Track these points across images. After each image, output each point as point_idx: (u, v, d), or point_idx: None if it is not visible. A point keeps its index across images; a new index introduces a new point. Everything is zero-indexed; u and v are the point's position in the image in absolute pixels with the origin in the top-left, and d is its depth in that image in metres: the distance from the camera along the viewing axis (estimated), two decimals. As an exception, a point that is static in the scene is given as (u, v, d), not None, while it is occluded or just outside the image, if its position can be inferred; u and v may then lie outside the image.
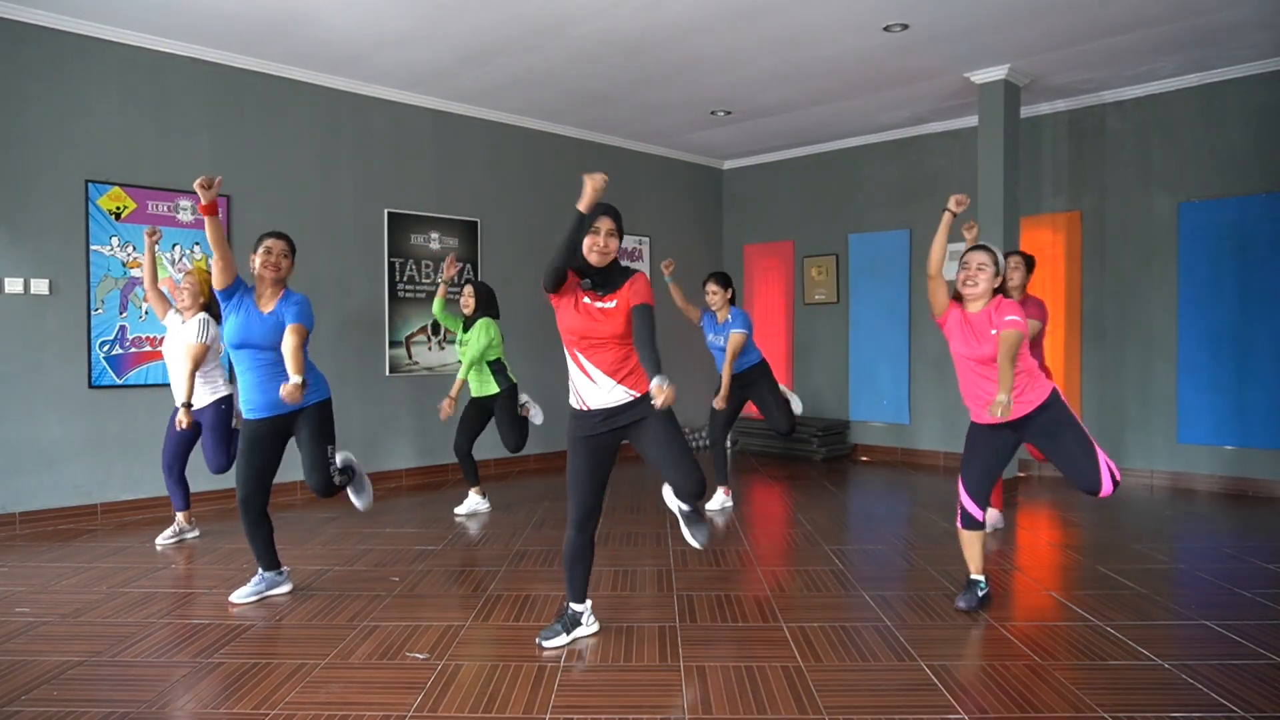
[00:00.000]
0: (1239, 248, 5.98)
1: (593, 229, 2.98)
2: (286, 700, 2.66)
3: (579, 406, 3.08)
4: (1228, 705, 2.59)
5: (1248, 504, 5.64)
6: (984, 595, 3.50)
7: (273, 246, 3.55)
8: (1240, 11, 4.99)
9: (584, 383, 3.04)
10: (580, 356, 3.02)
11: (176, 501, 4.74)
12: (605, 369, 3.00)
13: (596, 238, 2.98)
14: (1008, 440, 3.44)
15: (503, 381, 5.31)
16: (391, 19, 5.07)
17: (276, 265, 3.53)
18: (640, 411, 3.04)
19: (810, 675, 2.84)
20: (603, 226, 2.99)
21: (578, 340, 3.00)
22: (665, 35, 5.35)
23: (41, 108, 5.01)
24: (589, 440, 3.08)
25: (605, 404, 3.03)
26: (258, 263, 3.52)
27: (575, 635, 3.19)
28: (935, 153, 7.50)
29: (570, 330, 3.00)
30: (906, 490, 6.32)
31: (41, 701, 2.66)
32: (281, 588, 3.78)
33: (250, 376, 3.53)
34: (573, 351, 3.04)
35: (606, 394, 3.02)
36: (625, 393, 3.03)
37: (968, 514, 3.46)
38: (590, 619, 3.25)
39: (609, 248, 2.99)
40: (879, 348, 7.85)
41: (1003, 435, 3.42)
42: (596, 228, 2.98)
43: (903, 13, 5.03)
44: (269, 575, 3.74)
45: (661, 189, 8.54)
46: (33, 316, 5.00)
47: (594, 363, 3.01)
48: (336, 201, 6.23)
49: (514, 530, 4.99)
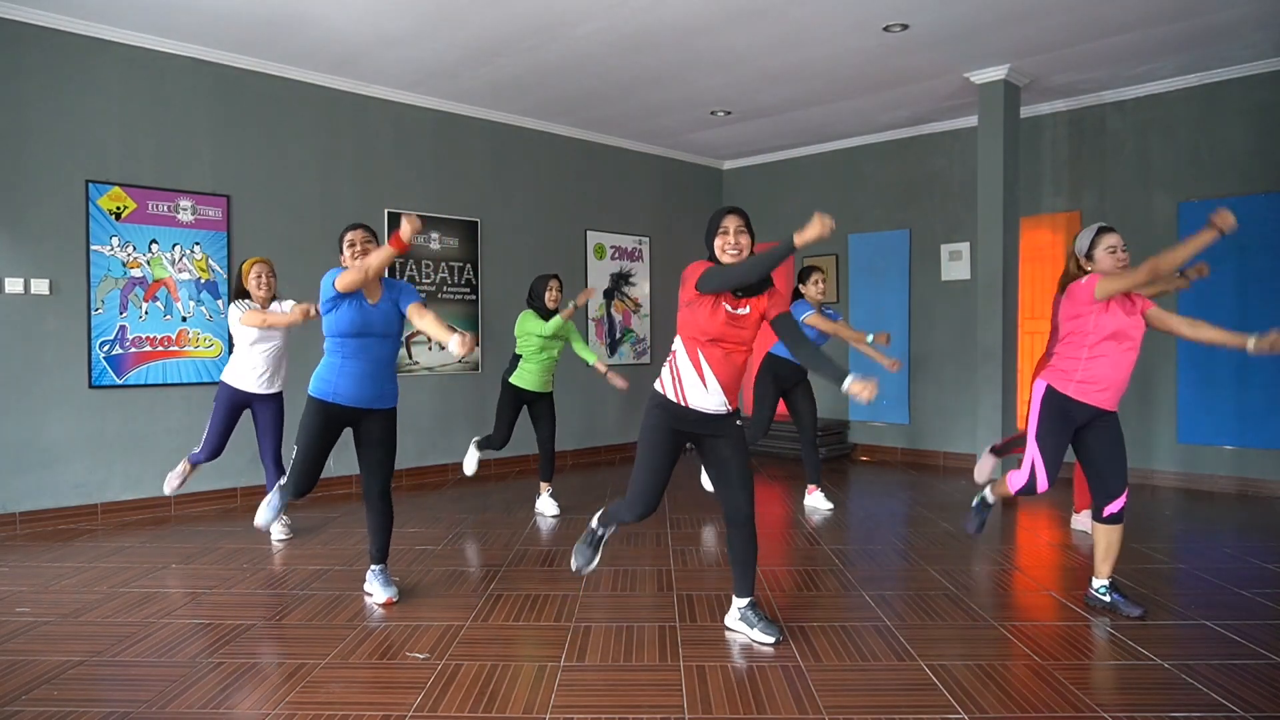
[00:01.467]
0: (1239, 248, 5.98)
1: (721, 229, 3.00)
2: (286, 700, 2.66)
3: (676, 400, 3.07)
4: (1228, 705, 2.59)
5: (1248, 504, 5.64)
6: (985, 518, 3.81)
7: (355, 239, 3.56)
8: (1240, 11, 5.00)
9: (694, 382, 3.03)
10: (702, 357, 3.01)
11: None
12: (723, 377, 3.02)
13: (727, 237, 2.99)
14: (1079, 425, 3.45)
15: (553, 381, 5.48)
16: (392, 19, 5.07)
17: (364, 251, 3.54)
18: (724, 428, 3.10)
19: (810, 675, 2.84)
20: (730, 225, 3.00)
21: (708, 343, 2.99)
22: (665, 35, 5.35)
23: (41, 108, 5.01)
24: (675, 433, 3.09)
25: (703, 407, 3.06)
26: (348, 256, 3.54)
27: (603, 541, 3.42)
28: (935, 153, 7.50)
29: (702, 329, 2.98)
30: (906, 490, 6.32)
31: (41, 701, 2.66)
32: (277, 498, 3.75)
33: (351, 364, 3.48)
34: (694, 350, 3.02)
35: (710, 399, 3.04)
36: (722, 403, 3.07)
37: (1034, 483, 3.48)
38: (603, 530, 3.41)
39: (740, 244, 3.00)
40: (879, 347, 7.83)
41: (1079, 420, 3.43)
42: (725, 227, 3.00)
43: (903, 13, 5.03)
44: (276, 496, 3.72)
45: (661, 189, 8.54)
46: (33, 316, 5.00)
47: (714, 368, 3.01)
48: (336, 201, 6.23)
49: (514, 530, 4.99)
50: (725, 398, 3.06)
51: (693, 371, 3.03)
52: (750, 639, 3.17)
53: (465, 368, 6.92)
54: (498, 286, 7.14)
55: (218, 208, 5.66)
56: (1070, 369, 3.42)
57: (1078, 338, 3.40)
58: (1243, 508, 5.53)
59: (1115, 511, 3.43)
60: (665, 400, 3.10)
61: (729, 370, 3.02)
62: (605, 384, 7.91)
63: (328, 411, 3.51)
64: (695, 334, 3.00)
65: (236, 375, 4.58)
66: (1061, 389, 3.43)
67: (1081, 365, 3.39)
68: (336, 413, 3.53)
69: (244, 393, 4.59)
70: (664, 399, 3.10)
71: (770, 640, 3.11)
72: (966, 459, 7.12)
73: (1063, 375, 3.44)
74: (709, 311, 2.97)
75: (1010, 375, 6.21)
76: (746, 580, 3.21)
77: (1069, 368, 3.43)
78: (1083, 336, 3.38)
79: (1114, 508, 3.43)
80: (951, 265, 7.37)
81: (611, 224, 8.10)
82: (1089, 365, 3.37)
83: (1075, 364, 3.41)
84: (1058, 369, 3.47)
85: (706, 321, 2.97)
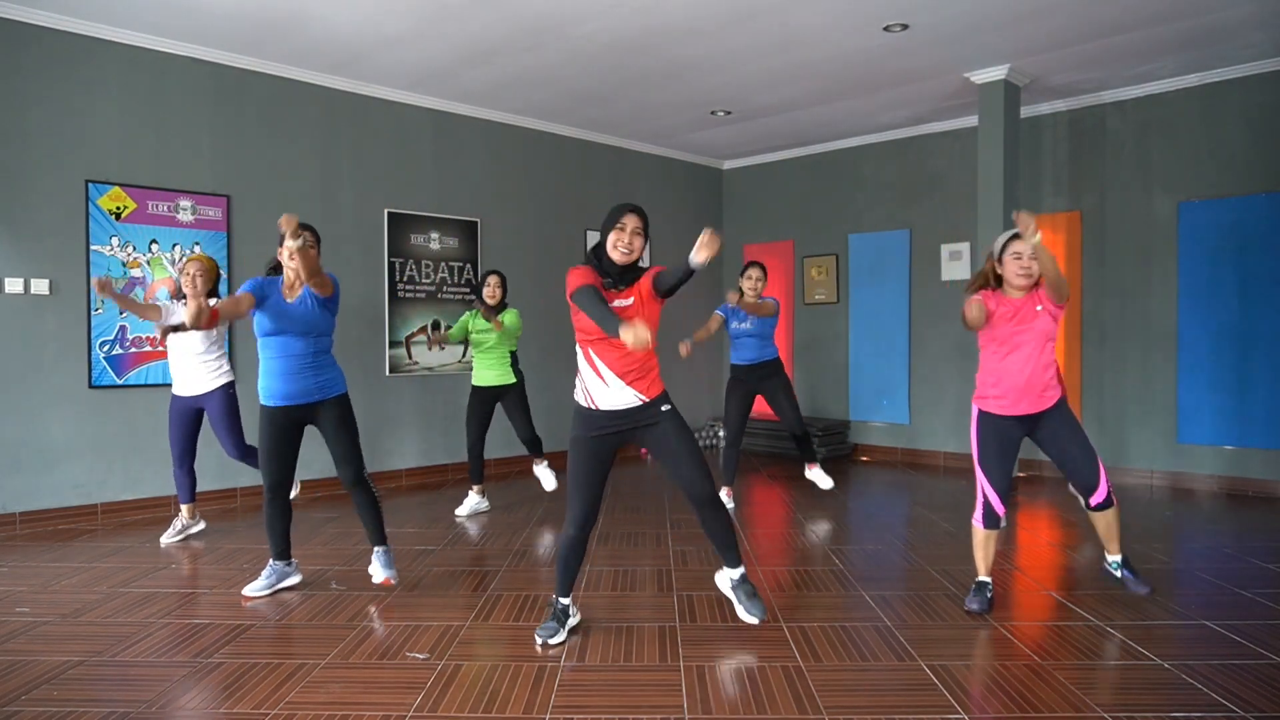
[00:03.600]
0: (1239, 248, 5.98)
1: (618, 225, 2.96)
2: (286, 700, 2.66)
3: (586, 405, 3.07)
4: (1228, 705, 2.59)
5: (1248, 504, 5.64)
6: (990, 597, 3.49)
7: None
8: (1240, 11, 4.99)
9: (594, 381, 3.03)
10: (593, 355, 3.01)
11: (182, 494, 4.74)
12: (617, 370, 3.00)
13: (622, 234, 2.96)
14: (1017, 435, 3.44)
15: (517, 373, 5.39)
16: (391, 19, 5.07)
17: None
18: (649, 416, 3.06)
19: (810, 675, 2.83)
20: (629, 224, 2.97)
21: (597, 340, 2.99)
22: (665, 35, 5.35)
23: (41, 108, 5.01)
24: (592, 440, 3.08)
25: (613, 405, 3.03)
26: (286, 255, 3.54)
27: (569, 626, 3.21)
28: (935, 153, 7.50)
29: (586, 328, 2.98)
30: (906, 490, 6.32)
31: (41, 701, 2.66)
32: (291, 579, 3.82)
33: (279, 364, 3.55)
34: (586, 350, 3.03)
35: (616, 395, 3.02)
36: (635, 396, 3.03)
37: (991, 512, 3.44)
38: (574, 609, 3.28)
39: (634, 246, 2.97)
40: (879, 348, 7.85)
41: (1014, 429, 3.42)
42: (623, 224, 2.96)
43: (903, 13, 5.03)
44: (279, 565, 3.78)
45: (661, 189, 8.54)
46: (33, 316, 5.00)
47: (606, 362, 3.00)
48: (336, 201, 6.23)
49: (514, 530, 4.99)
50: (634, 390, 3.01)
51: (589, 371, 3.03)
52: (737, 610, 3.22)
53: (464, 367, 6.91)
54: (498, 286, 7.14)
55: (218, 208, 5.66)
56: (982, 384, 3.46)
57: (982, 357, 3.45)
58: (1243, 508, 5.53)
59: (1101, 500, 3.44)
60: (580, 410, 3.10)
61: (625, 362, 2.99)
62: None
63: (271, 414, 3.60)
64: (580, 332, 3.02)
65: (179, 383, 4.61)
66: (986, 409, 3.45)
67: (990, 381, 3.42)
68: (280, 414, 3.59)
69: (182, 398, 4.60)
70: (579, 409, 3.10)
71: (754, 620, 3.14)
72: (966, 459, 7.11)
73: (981, 396, 3.47)
74: None
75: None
76: (731, 554, 3.23)
77: (981, 383, 3.47)
78: (984, 353, 3.44)
79: (1098, 497, 3.44)
80: (951, 265, 7.37)
81: (611, 224, 8.09)
82: (995, 380, 3.39)
83: (986, 381, 3.44)
84: (977, 391, 3.49)
85: (589, 321, 2.93)
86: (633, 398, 3.03)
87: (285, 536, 3.78)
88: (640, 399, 3.04)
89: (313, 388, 3.61)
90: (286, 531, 3.78)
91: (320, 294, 3.55)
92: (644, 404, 3.05)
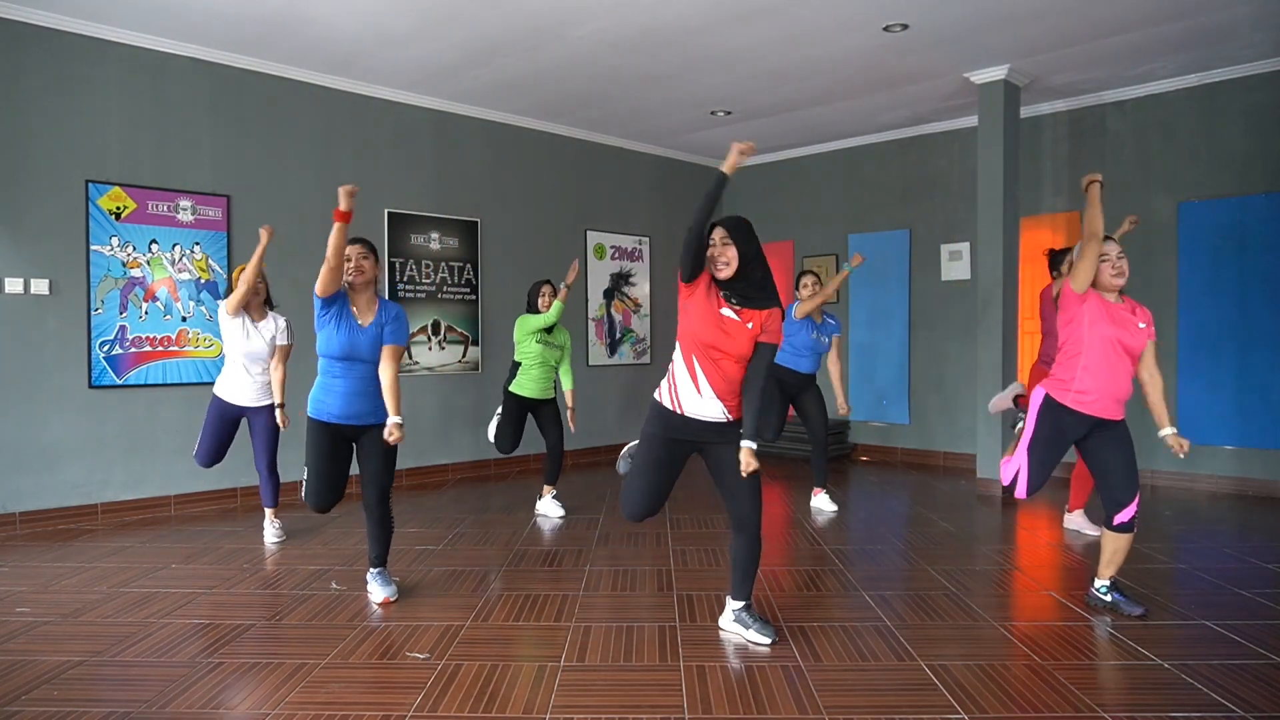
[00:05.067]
0: (1238, 247, 5.98)
1: (710, 242, 2.96)
2: (286, 700, 2.66)
3: (671, 407, 3.05)
4: (1228, 705, 2.59)
5: (1248, 504, 5.64)
6: None
7: (351, 253, 3.51)
8: (1239, 12, 5.00)
9: (688, 388, 3.02)
10: (696, 364, 2.99)
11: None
12: (717, 385, 2.99)
13: (714, 249, 2.96)
14: (1077, 435, 3.42)
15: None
16: (391, 19, 5.07)
17: (359, 269, 3.51)
18: (727, 436, 3.06)
19: (810, 675, 2.84)
20: (716, 237, 2.96)
21: (703, 348, 2.97)
22: (665, 35, 5.35)
23: (41, 108, 5.01)
24: (670, 442, 3.07)
25: (700, 415, 3.03)
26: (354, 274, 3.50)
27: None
28: (935, 153, 7.50)
29: (697, 335, 2.97)
30: (906, 490, 6.32)
31: (41, 701, 2.66)
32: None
33: (340, 384, 3.51)
34: (690, 356, 3.01)
35: (705, 406, 3.01)
36: (722, 411, 3.03)
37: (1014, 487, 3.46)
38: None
39: (726, 256, 2.95)
40: (879, 348, 7.85)
41: (1077, 429, 3.40)
42: (712, 240, 2.96)
43: (903, 13, 5.03)
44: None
45: (661, 189, 8.54)
46: (33, 316, 5.00)
47: (708, 375, 2.99)
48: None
49: (514, 530, 4.99)
50: (723, 406, 3.02)
51: (688, 378, 3.02)
52: (746, 640, 3.17)
53: (465, 367, 6.92)
54: (498, 286, 7.14)
55: (218, 208, 5.66)
56: (1067, 379, 3.41)
57: (1073, 347, 3.40)
58: (1243, 508, 5.53)
59: (1125, 520, 3.39)
60: (662, 409, 3.09)
61: (721, 379, 2.99)
62: (604, 384, 7.93)
63: (326, 430, 3.56)
64: (690, 339, 3.00)
65: (229, 389, 4.58)
66: (1059, 399, 3.42)
67: (1078, 375, 3.37)
68: (332, 430, 3.56)
69: (236, 406, 4.58)
70: (661, 408, 3.09)
71: (767, 642, 3.11)
72: (966, 459, 7.11)
73: (1060, 385, 3.43)
74: (705, 314, 2.96)
75: (1010, 375, 6.21)
76: (745, 585, 3.20)
77: (1066, 377, 3.42)
78: (1078, 345, 3.37)
79: (1124, 516, 3.39)
80: (951, 265, 7.37)
81: (611, 224, 8.10)
82: (1084, 375, 3.35)
83: (1072, 374, 3.39)
84: (1056, 379, 3.45)
85: (701, 325, 2.95)
86: (719, 412, 3.03)
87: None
88: (726, 416, 3.04)
89: (369, 411, 3.57)
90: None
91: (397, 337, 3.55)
92: (727, 422, 3.06)
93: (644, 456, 3.10)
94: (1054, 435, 3.43)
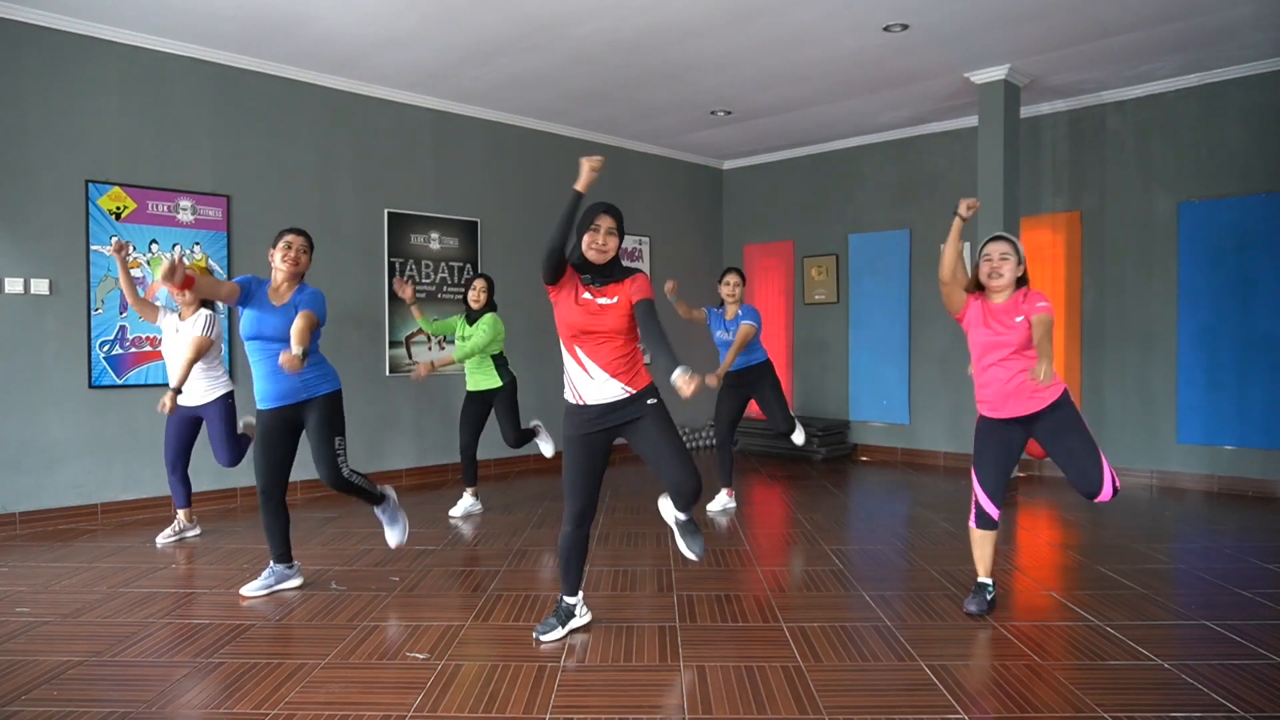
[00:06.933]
0: (1239, 248, 5.98)
1: (592, 227, 3.00)
2: (286, 700, 2.66)
3: (574, 401, 3.08)
4: (1228, 705, 2.59)
5: (1248, 504, 5.64)
6: (991, 599, 3.48)
7: (293, 242, 3.63)
8: (1239, 12, 4.99)
9: (580, 377, 3.04)
10: (579, 351, 3.03)
11: (178, 499, 4.76)
12: (603, 364, 3.01)
13: (596, 235, 2.99)
14: (1017, 437, 3.41)
15: (505, 375, 5.34)
16: (392, 19, 5.07)
17: (295, 260, 3.62)
18: (636, 410, 3.06)
19: (810, 675, 2.84)
20: (602, 224, 3.00)
21: (577, 335, 3.01)
22: (665, 35, 5.35)
23: (41, 108, 5.01)
24: (584, 438, 3.08)
25: (601, 399, 3.04)
26: (278, 257, 3.59)
27: (570, 627, 3.22)
28: (935, 153, 7.50)
29: (569, 324, 3.01)
30: (906, 490, 6.32)
31: (41, 701, 2.66)
32: (291, 581, 3.83)
33: (263, 367, 3.59)
34: (571, 347, 3.05)
35: (601, 388, 3.03)
36: (621, 389, 3.04)
37: (984, 513, 3.42)
38: (583, 610, 3.29)
39: (608, 246, 3.00)
40: (879, 348, 7.85)
41: (1012, 431, 3.39)
42: (596, 225, 3.00)
43: (903, 13, 5.03)
44: (279, 568, 3.79)
45: (661, 189, 8.54)
46: (33, 316, 5.00)
47: (592, 358, 3.01)
48: (336, 201, 6.23)
49: (514, 530, 4.99)
50: (619, 383, 3.02)
51: (575, 367, 3.05)
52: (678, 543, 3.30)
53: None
54: (497, 286, 7.12)
55: (218, 208, 5.66)
56: (978, 389, 3.47)
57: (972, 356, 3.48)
58: (1243, 508, 5.53)
59: (1108, 499, 3.29)
60: (568, 407, 3.12)
61: (605, 357, 3.00)
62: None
63: (262, 417, 3.64)
64: (564, 329, 3.03)
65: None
66: (980, 410, 3.47)
67: (978, 383, 3.44)
68: (270, 416, 3.62)
69: (181, 406, 4.59)
70: (568, 405, 3.12)
71: (693, 557, 3.23)
72: (966, 459, 7.11)
73: (977, 397, 3.49)
74: (570, 304, 3.00)
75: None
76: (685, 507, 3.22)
77: (977, 387, 3.48)
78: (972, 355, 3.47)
79: (1104, 496, 3.27)
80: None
81: (611, 224, 8.09)
82: (980, 381, 3.42)
83: (978, 383, 3.46)
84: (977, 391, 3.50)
85: (570, 314, 2.99)
86: (619, 390, 3.03)
87: (284, 539, 3.78)
88: (627, 391, 3.04)
89: (299, 386, 3.62)
90: (284, 534, 3.78)
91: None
92: (630, 396, 3.05)
93: (568, 457, 3.11)
94: (993, 447, 3.40)
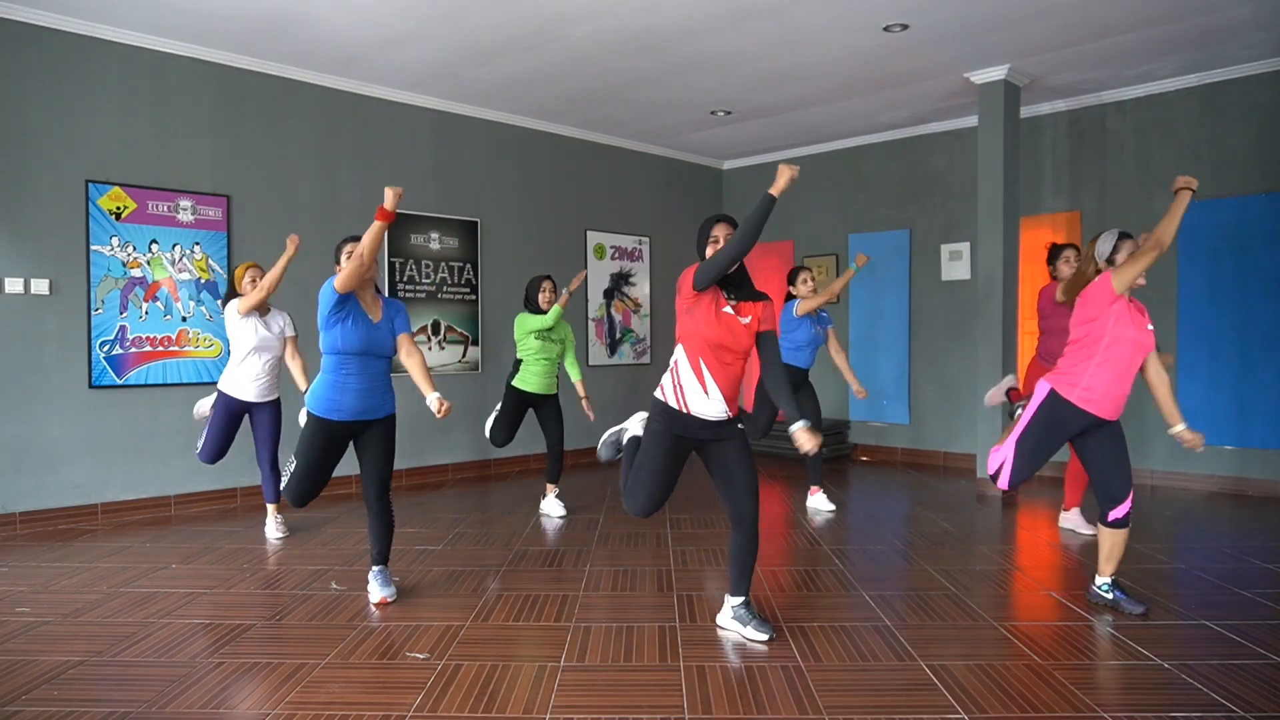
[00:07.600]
0: (1239, 248, 5.98)
1: (711, 239, 3.06)
2: (286, 700, 2.66)
3: (676, 407, 3.08)
4: (1228, 705, 2.59)
5: (1248, 504, 5.64)
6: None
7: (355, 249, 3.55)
8: (1240, 12, 4.99)
9: (694, 389, 3.04)
10: (703, 364, 3.03)
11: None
12: (722, 384, 3.04)
13: (718, 246, 3.04)
14: (1075, 430, 3.41)
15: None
16: (391, 19, 5.07)
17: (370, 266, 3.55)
18: (728, 432, 3.12)
19: (810, 675, 2.84)
20: (720, 235, 3.05)
21: (713, 347, 3.01)
22: (665, 35, 5.35)
23: (41, 108, 5.01)
24: (677, 439, 3.10)
25: (703, 414, 3.06)
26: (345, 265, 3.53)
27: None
28: (935, 153, 7.50)
29: (705, 337, 3.00)
30: (906, 490, 6.32)
31: (41, 701, 2.66)
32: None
33: (353, 381, 3.50)
34: (696, 358, 3.04)
35: (709, 405, 3.05)
36: (724, 410, 3.08)
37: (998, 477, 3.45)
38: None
39: None
40: (879, 348, 7.85)
41: (1076, 424, 3.39)
42: (715, 237, 3.06)
43: (903, 13, 5.03)
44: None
45: (661, 189, 8.54)
46: (33, 316, 5.00)
47: (715, 375, 3.03)
48: (336, 201, 6.23)
49: (514, 530, 4.99)
50: (725, 405, 3.07)
51: (693, 378, 3.04)
52: (743, 637, 3.17)
53: (465, 367, 6.92)
54: (497, 286, 7.14)
55: (218, 208, 5.66)
56: (1076, 376, 3.38)
57: (1088, 344, 3.36)
58: (1243, 508, 5.53)
59: (1119, 517, 3.40)
60: (666, 407, 3.11)
61: (728, 378, 3.04)
62: (605, 384, 7.93)
63: (330, 429, 3.53)
64: (696, 341, 3.02)
65: (234, 384, 4.62)
66: (1065, 395, 3.39)
67: (1088, 373, 3.35)
68: (339, 428, 3.55)
69: (242, 401, 4.63)
70: (665, 406, 3.11)
71: (763, 638, 3.12)
72: (966, 459, 7.12)
73: (1067, 382, 3.39)
74: (710, 316, 2.99)
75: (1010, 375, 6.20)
76: (743, 581, 3.21)
77: (1075, 375, 3.38)
78: (1095, 343, 3.34)
79: (1118, 513, 3.41)
80: (951, 265, 7.37)
81: (611, 224, 8.10)
82: (1095, 374, 3.33)
83: (1082, 372, 3.36)
84: (1063, 374, 3.42)
85: (708, 326, 2.99)
86: (721, 411, 3.07)
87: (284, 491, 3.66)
88: (726, 414, 3.09)
89: (377, 405, 3.60)
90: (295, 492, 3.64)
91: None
92: (726, 419, 3.11)
93: (654, 453, 3.11)
94: (1051, 428, 3.41)
